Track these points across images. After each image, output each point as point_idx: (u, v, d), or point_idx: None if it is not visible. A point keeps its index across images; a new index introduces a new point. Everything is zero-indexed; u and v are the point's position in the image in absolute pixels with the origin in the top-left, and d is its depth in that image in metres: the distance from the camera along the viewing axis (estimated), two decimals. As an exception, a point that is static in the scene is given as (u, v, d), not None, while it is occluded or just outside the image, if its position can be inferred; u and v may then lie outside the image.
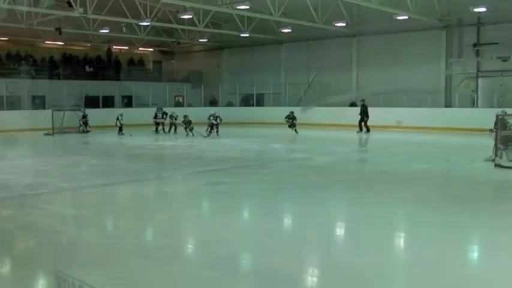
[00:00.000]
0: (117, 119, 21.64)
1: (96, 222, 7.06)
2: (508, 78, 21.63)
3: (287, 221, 7.35)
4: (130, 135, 20.49)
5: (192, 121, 20.39)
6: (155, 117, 22.63)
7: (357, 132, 21.18)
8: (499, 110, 13.43)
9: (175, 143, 17.75)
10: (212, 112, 20.47)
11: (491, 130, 12.04)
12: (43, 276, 4.84)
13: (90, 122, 22.72)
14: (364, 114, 21.30)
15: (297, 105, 26.18)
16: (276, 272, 4.83)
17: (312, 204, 7.80)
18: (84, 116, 22.63)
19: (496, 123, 11.68)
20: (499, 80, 22.09)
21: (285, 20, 23.94)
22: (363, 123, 21.38)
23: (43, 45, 29.27)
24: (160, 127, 22.39)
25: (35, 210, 7.49)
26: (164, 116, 22.42)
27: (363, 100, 21.70)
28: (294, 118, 21.18)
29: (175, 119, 21.78)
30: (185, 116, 20.78)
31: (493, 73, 22.41)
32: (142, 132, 21.60)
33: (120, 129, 21.54)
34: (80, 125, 22.49)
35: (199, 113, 22.19)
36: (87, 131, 22.32)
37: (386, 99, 23.29)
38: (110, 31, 26.78)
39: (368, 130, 21.14)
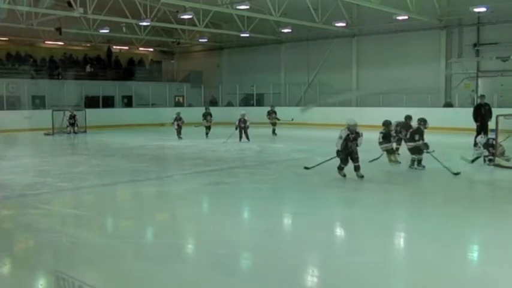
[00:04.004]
0: (175, 119, 18.85)
1: (96, 222, 7.06)
2: (508, 78, 21.62)
3: (287, 221, 7.35)
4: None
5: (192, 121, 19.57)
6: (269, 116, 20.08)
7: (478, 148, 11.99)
8: (499, 110, 13.42)
9: (175, 143, 17.74)
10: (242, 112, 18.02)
11: (491, 130, 12.04)
12: (43, 276, 4.84)
13: (90, 122, 22.69)
14: (489, 116, 14.49)
15: (297, 105, 26.22)
16: (276, 272, 4.83)
17: (312, 205, 7.80)
18: (72, 117, 21.99)
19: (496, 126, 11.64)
20: (499, 80, 22.07)
21: (285, 20, 23.96)
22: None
23: (43, 45, 29.27)
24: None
25: (34, 210, 7.49)
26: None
27: (483, 96, 15.63)
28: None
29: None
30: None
31: (493, 73, 22.40)
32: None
33: (179, 131, 18.81)
34: (67, 126, 21.91)
35: (199, 113, 22.07)
36: (75, 133, 21.74)
37: (386, 99, 23.29)
38: (110, 31, 26.80)
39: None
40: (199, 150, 15.70)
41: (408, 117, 12.46)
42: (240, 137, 17.37)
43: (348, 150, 9.59)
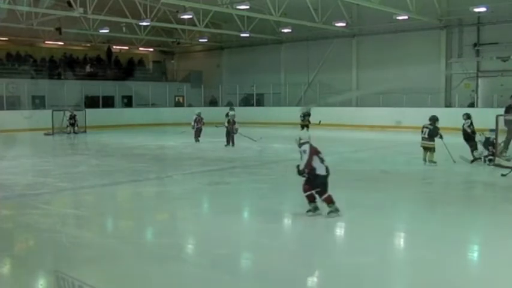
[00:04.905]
0: (195, 120, 17.48)
1: (96, 222, 7.06)
2: (508, 78, 21.61)
3: (287, 221, 7.35)
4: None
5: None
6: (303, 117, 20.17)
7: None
8: (499, 110, 13.39)
9: (175, 143, 17.74)
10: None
11: (491, 130, 12.06)
12: (43, 276, 4.84)
13: (90, 122, 22.66)
14: None
15: (297, 105, 26.19)
16: (276, 272, 4.83)
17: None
18: (72, 117, 21.93)
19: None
20: (499, 80, 22.06)
21: (285, 20, 23.97)
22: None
23: (43, 45, 29.27)
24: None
25: (34, 210, 7.49)
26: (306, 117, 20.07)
27: None
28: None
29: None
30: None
31: (493, 73, 22.40)
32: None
33: (198, 133, 17.56)
34: (67, 126, 21.84)
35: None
36: (75, 133, 21.70)
37: (386, 99, 23.28)
38: (110, 31, 26.80)
39: None
40: (199, 150, 15.69)
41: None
42: (228, 141, 16.02)
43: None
